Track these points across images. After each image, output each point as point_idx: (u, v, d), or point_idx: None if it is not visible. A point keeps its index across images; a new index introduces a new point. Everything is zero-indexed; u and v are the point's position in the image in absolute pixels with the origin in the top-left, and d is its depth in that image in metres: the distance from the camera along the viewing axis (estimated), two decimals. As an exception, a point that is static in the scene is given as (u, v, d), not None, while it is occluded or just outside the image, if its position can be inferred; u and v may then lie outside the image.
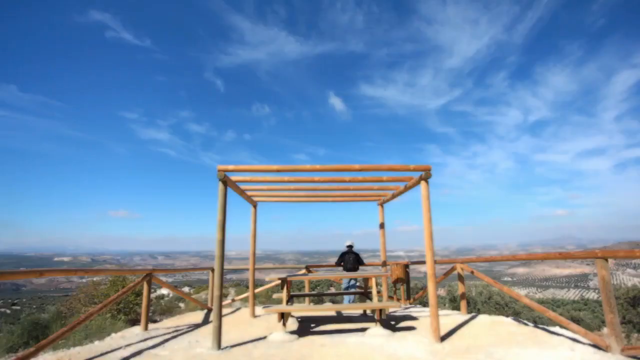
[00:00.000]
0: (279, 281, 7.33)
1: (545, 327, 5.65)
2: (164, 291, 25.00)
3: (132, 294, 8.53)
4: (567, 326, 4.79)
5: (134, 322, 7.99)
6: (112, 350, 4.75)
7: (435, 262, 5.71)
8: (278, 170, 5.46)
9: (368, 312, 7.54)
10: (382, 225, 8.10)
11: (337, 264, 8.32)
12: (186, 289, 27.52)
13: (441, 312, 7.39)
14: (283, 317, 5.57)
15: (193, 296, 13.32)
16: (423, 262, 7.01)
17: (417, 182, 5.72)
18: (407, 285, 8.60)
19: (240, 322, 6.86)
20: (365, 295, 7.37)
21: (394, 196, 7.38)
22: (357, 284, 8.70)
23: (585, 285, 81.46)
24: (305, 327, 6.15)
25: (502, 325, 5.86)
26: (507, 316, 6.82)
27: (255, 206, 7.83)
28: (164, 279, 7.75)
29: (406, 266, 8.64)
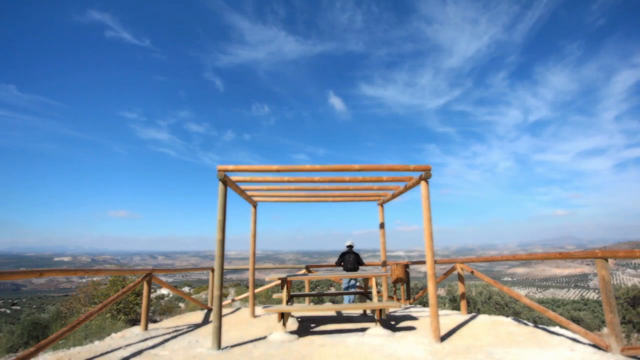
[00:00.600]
0: (279, 281, 7.34)
1: (545, 327, 5.65)
2: (164, 291, 25.01)
3: (132, 294, 8.52)
4: (567, 326, 4.78)
5: (134, 322, 7.99)
6: (112, 350, 4.75)
7: (435, 262, 5.71)
8: (278, 170, 5.45)
9: (368, 312, 7.54)
10: (382, 225, 8.10)
11: (337, 264, 8.33)
12: (186, 289, 27.52)
13: (441, 312, 7.40)
14: (283, 317, 5.57)
15: (193, 296, 13.33)
16: (423, 262, 7.01)
17: (417, 182, 5.72)
18: (407, 285, 8.61)
19: (240, 322, 6.86)
20: (365, 295, 7.37)
21: (394, 196, 7.38)
22: (357, 284, 8.71)
23: (585, 285, 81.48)
24: (305, 327, 6.15)
25: (502, 325, 5.86)
26: (507, 316, 6.82)
27: (255, 206, 7.83)
28: (164, 279, 7.75)
29: (406, 266, 8.64)
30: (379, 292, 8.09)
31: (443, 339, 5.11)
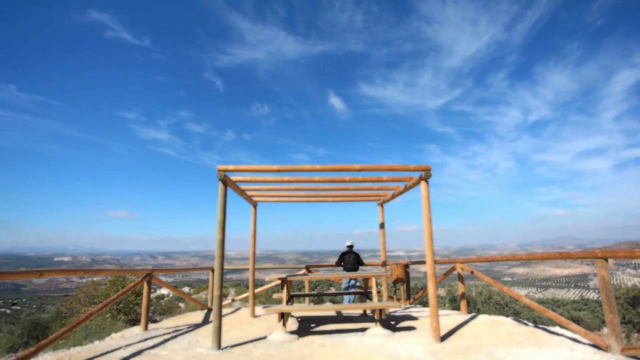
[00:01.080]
0: (279, 281, 7.34)
1: (545, 327, 5.65)
2: (164, 291, 25.01)
3: (132, 294, 8.52)
4: (567, 326, 4.79)
5: (134, 322, 7.99)
6: (112, 350, 4.75)
7: (435, 262, 5.71)
8: (278, 170, 5.45)
9: (368, 312, 7.54)
10: (382, 225, 8.10)
11: (337, 264, 8.33)
12: (186, 289, 27.52)
13: (441, 312, 7.40)
14: (283, 317, 5.57)
15: (193, 296, 13.33)
16: (423, 262, 7.01)
17: (417, 182, 5.72)
18: (407, 285, 8.61)
19: (240, 322, 6.86)
20: (365, 295, 7.37)
21: (394, 196, 7.38)
22: (357, 284, 8.71)
23: (585, 285, 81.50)
24: (305, 327, 6.15)
25: (502, 325, 5.86)
26: (507, 316, 6.82)
27: (255, 206, 7.83)
28: (164, 279, 7.75)
29: (406, 266, 8.64)
30: (379, 292, 8.09)
31: (443, 339, 5.11)
